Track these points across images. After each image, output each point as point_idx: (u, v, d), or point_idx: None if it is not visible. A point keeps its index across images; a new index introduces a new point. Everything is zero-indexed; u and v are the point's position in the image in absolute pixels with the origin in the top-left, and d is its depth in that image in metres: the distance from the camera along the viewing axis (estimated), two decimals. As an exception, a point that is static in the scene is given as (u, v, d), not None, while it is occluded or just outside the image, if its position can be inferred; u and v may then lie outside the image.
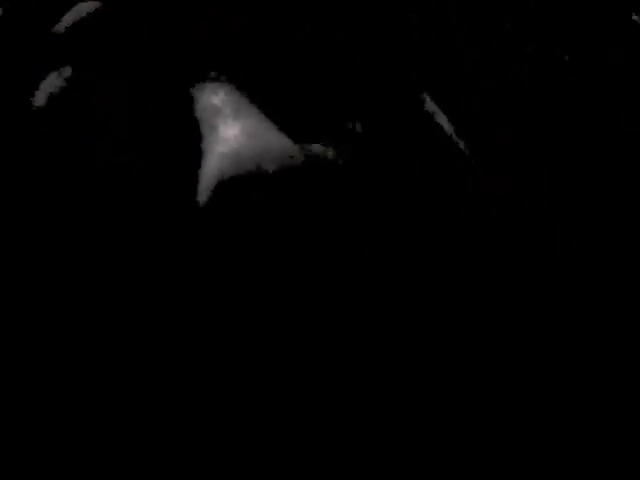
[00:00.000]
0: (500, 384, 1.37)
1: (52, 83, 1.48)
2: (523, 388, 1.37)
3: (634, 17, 1.54)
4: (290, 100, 1.48)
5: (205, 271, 1.38)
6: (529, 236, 1.44)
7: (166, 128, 1.45)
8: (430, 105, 1.52)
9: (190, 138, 1.43)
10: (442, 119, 1.50)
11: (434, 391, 1.36)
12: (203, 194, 1.37)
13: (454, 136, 1.49)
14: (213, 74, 1.47)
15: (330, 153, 1.41)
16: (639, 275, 1.41)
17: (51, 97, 1.48)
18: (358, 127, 1.45)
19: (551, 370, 1.37)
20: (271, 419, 1.34)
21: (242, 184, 1.34)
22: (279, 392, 1.35)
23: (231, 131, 1.39)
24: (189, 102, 1.45)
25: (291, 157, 1.36)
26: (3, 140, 1.50)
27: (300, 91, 1.49)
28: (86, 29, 1.50)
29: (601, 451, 1.33)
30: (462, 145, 1.48)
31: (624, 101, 1.48)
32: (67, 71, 1.47)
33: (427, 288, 1.38)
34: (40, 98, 1.48)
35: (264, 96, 1.45)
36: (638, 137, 1.47)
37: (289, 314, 1.36)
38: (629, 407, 1.35)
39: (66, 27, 1.47)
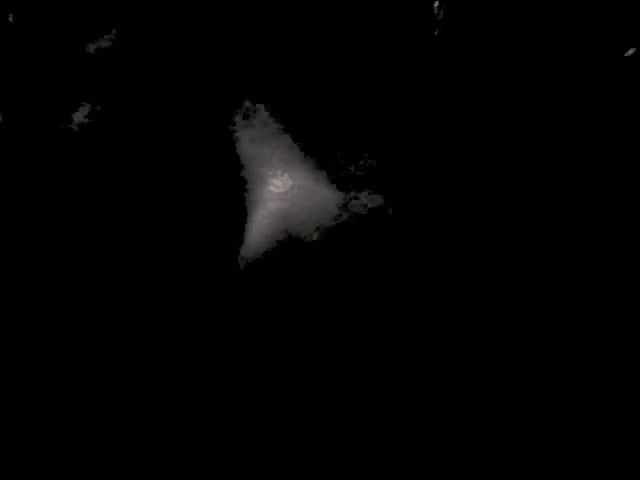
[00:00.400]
0: (499, 382, 1.37)
1: (82, 114, 1.35)
2: (522, 387, 1.37)
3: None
4: (329, 133, 1.37)
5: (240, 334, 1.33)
6: (528, 235, 1.41)
7: (209, 175, 1.34)
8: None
9: (237, 188, 1.32)
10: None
11: (433, 388, 1.36)
12: (249, 254, 1.27)
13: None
14: (247, 103, 1.35)
15: (379, 201, 1.31)
16: (638, 274, 1.39)
17: (83, 129, 1.36)
18: (404, 168, 1.36)
19: (550, 368, 1.37)
20: (271, 418, 1.33)
21: (292, 249, 1.25)
22: (279, 391, 1.34)
23: (281, 185, 1.28)
24: (231, 147, 1.33)
25: (342, 214, 1.26)
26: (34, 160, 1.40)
27: (336, 119, 1.38)
28: (110, 60, 1.37)
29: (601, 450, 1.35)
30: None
31: (624, 101, 1.44)
32: (98, 104, 1.35)
33: (427, 286, 1.37)
34: (73, 127, 1.37)
35: (303, 131, 1.34)
36: (638, 136, 1.43)
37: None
38: (628, 405, 1.36)
39: (92, 55, 1.33)
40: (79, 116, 1.37)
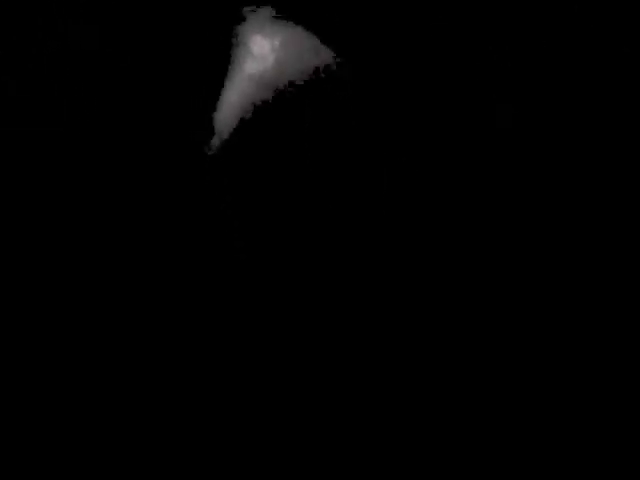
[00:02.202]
0: (499, 381, 1.36)
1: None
2: (522, 387, 1.36)
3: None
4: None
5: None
6: (527, 233, 1.39)
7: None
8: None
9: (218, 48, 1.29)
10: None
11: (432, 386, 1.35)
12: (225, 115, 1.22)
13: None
14: None
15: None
16: (638, 273, 1.38)
17: None
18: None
19: (550, 368, 1.36)
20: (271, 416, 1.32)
21: (267, 109, 1.21)
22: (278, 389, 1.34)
23: (261, 46, 1.25)
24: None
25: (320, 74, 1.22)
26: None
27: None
28: None
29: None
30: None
31: (624, 101, 1.42)
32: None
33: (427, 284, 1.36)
34: None
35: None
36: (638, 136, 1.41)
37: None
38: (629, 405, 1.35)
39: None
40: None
